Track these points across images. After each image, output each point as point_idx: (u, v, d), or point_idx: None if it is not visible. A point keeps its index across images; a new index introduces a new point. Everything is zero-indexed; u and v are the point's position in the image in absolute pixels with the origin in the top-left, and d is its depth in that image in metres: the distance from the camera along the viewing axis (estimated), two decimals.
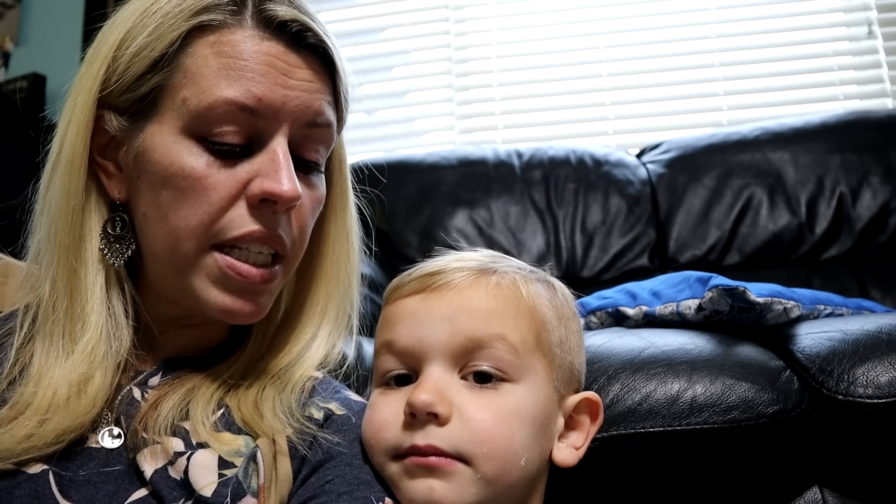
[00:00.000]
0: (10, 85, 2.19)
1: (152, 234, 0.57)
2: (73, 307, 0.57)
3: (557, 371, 0.58)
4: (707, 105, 1.97)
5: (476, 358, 0.55)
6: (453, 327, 0.55)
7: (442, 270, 0.58)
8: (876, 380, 0.68)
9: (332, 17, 2.20)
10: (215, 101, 0.54)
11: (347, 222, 0.69)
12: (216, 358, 0.64)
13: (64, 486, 0.51)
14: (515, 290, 0.57)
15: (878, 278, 1.38)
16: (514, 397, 0.54)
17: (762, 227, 1.45)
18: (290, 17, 0.57)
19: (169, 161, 0.55)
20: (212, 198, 0.55)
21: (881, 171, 1.44)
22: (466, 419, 0.52)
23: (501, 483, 0.53)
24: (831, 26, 1.97)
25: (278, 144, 0.56)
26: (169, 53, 0.55)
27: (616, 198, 1.52)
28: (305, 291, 0.67)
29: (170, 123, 0.55)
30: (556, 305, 0.60)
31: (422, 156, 1.66)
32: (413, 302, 0.58)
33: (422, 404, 0.52)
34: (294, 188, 0.55)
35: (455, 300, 0.56)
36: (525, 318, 0.56)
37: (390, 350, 0.58)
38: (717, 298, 0.82)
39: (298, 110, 0.57)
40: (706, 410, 0.67)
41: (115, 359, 0.57)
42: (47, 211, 0.58)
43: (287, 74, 0.56)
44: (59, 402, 0.54)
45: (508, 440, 0.53)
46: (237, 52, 0.55)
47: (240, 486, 0.53)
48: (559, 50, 2.07)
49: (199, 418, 0.56)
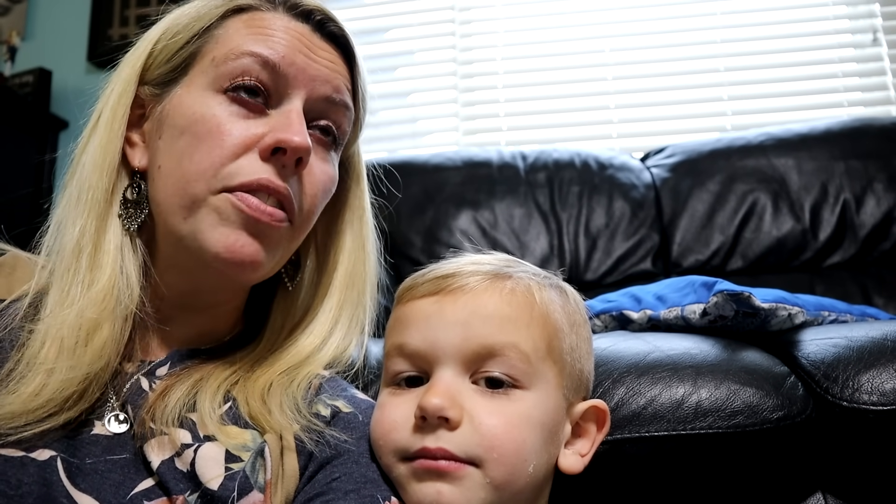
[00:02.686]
0: (16, 79, 2.19)
1: (163, 184, 0.59)
2: (96, 256, 0.59)
3: (567, 379, 0.58)
4: (712, 110, 1.97)
5: (488, 364, 0.54)
6: (467, 332, 0.55)
7: (457, 273, 0.58)
8: (881, 387, 0.68)
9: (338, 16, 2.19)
10: (241, 53, 0.59)
11: (364, 232, 0.71)
12: (225, 351, 0.64)
13: (72, 474, 0.51)
14: (529, 297, 0.57)
15: (882, 285, 1.38)
16: (525, 404, 0.54)
17: (766, 232, 1.45)
18: (317, 7, 0.64)
19: (191, 111, 0.58)
20: (226, 142, 0.57)
21: (885, 178, 1.44)
22: (477, 424, 0.53)
23: (509, 489, 0.53)
24: (836, 33, 1.97)
25: (294, 105, 0.59)
26: (205, 28, 0.61)
27: (620, 201, 1.52)
28: (321, 296, 0.69)
29: (197, 82, 0.60)
30: (568, 312, 0.60)
31: (426, 157, 1.66)
32: (427, 304, 0.57)
33: (433, 408, 0.52)
34: (304, 139, 0.58)
35: (469, 305, 0.56)
36: (538, 325, 0.56)
37: (401, 353, 0.58)
38: (722, 303, 0.82)
39: (319, 78, 0.61)
40: (711, 415, 0.67)
41: (123, 313, 0.58)
42: (80, 171, 0.61)
43: (311, 49, 0.62)
44: (66, 348, 0.55)
45: (519, 446, 0.53)
46: (266, 23, 0.61)
47: (247, 480, 0.53)
48: (564, 53, 2.07)
49: (207, 411, 0.57)
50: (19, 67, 2.22)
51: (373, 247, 0.71)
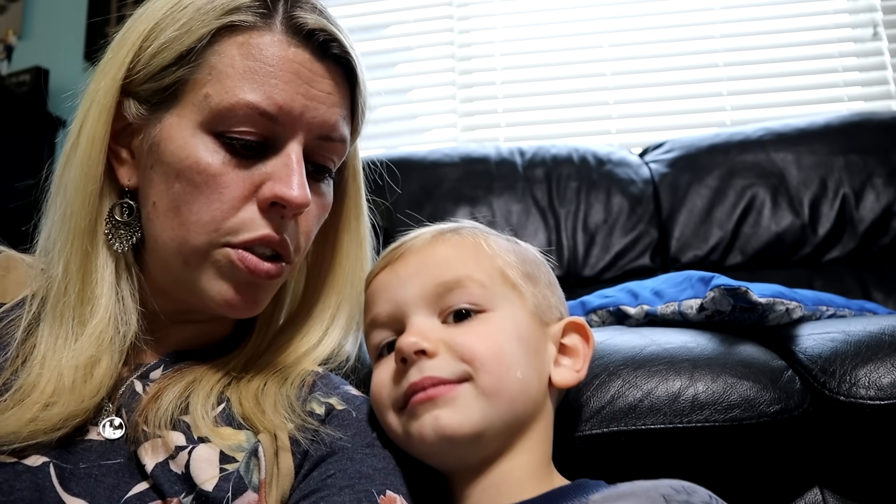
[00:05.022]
0: (12, 78, 2.19)
1: (161, 225, 0.57)
2: (85, 290, 0.57)
3: (531, 300, 0.60)
4: (710, 105, 1.97)
5: (449, 299, 0.57)
6: (422, 279, 0.58)
7: (403, 242, 0.62)
8: (878, 381, 0.67)
9: (337, 13, 2.14)
10: (237, 103, 0.55)
11: (361, 231, 0.70)
12: (218, 352, 0.64)
13: (65, 479, 0.51)
14: (476, 241, 0.61)
15: (881, 280, 1.37)
16: (495, 320, 0.57)
17: (765, 227, 1.44)
18: (319, 27, 0.58)
19: (185, 154, 0.56)
20: (224, 196, 0.55)
21: (885, 173, 1.44)
22: (454, 345, 0.55)
23: (503, 396, 0.54)
24: (836, 27, 1.97)
25: (293, 150, 0.57)
26: (196, 49, 0.56)
27: (618, 197, 1.52)
28: (317, 296, 0.68)
29: (189, 117, 0.56)
30: (517, 252, 0.63)
31: (424, 153, 1.66)
32: (383, 276, 0.61)
33: (408, 345, 0.55)
34: (304, 195, 0.56)
35: (419, 258, 0.60)
36: (486, 260, 0.60)
37: (375, 325, 0.61)
38: (719, 298, 0.81)
39: (315, 122, 0.58)
40: (707, 408, 0.67)
41: (121, 343, 0.57)
42: (63, 193, 0.59)
43: (309, 83, 0.57)
44: (65, 385, 0.54)
45: (498, 353, 0.55)
46: (264, 56, 0.56)
47: (241, 480, 0.53)
48: (562, 48, 2.07)
49: (200, 413, 0.56)
50: (16, 66, 2.22)
51: (370, 245, 0.71)
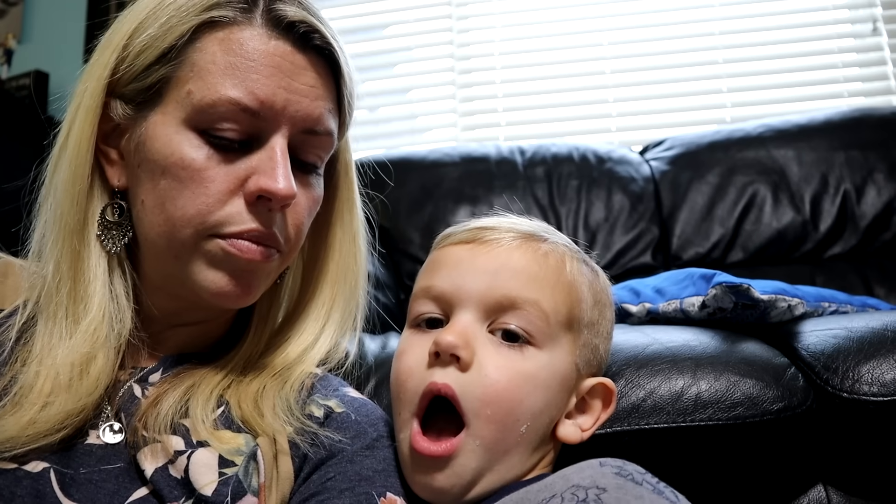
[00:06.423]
0: (13, 82, 2.19)
1: (149, 222, 0.57)
2: (77, 289, 0.57)
3: (581, 350, 0.58)
4: (711, 102, 1.96)
5: (507, 316, 0.55)
6: (493, 282, 0.56)
7: (495, 227, 0.60)
8: (881, 377, 0.67)
9: (336, 13, 2.19)
10: (219, 99, 0.55)
11: (354, 225, 0.69)
12: (216, 353, 0.64)
13: (65, 485, 0.51)
14: (560, 264, 0.58)
15: (883, 276, 1.37)
16: (534, 363, 0.55)
17: (766, 224, 1.44)
18: (299, 18, 0.57)
19: (169, 151, 0.56)
20: (210, 190, 0.55)
21: (886, 169, 1.43)
22: (483, 374, 0.54)
23: (499, 448, 0.54)
24: (836, 23, 1.96)
25: (277, 143, 0.57)
26: (178, 46, 0.56)
27: (619, 195, 1.52)
28: (311, 292, 0.68)
29: (172, 114, 0.56)
30: (594, 289, 0.61)
31: (424, 153, 1.66)
32: (460, 250, 0.59)
33: (447, 344, 0.53)
34: (289, 186, 0.56)
35: (501, 257, 0.57)
36: (563, 290, 0.57)
37: (427, 294, 0.59)
38: (721, 296, 0.81)
39: (299, 116, 0.57)
40: (710, 407, 0.67)
41: (117, 341, 0.57)
42: (53, 194, 0.59)
43: (291, 76, 0.57)
44: (62, 383, 0.54)
45: (515, 406, 0.54)
46: (244, 51, 0.56)
47: (240, 484, 0.53)
48: (562, 47, 2.06)
49: (199, 417, 0.56)
50: (16, 70, 2.22)
51: (363, 240, 0.70)
